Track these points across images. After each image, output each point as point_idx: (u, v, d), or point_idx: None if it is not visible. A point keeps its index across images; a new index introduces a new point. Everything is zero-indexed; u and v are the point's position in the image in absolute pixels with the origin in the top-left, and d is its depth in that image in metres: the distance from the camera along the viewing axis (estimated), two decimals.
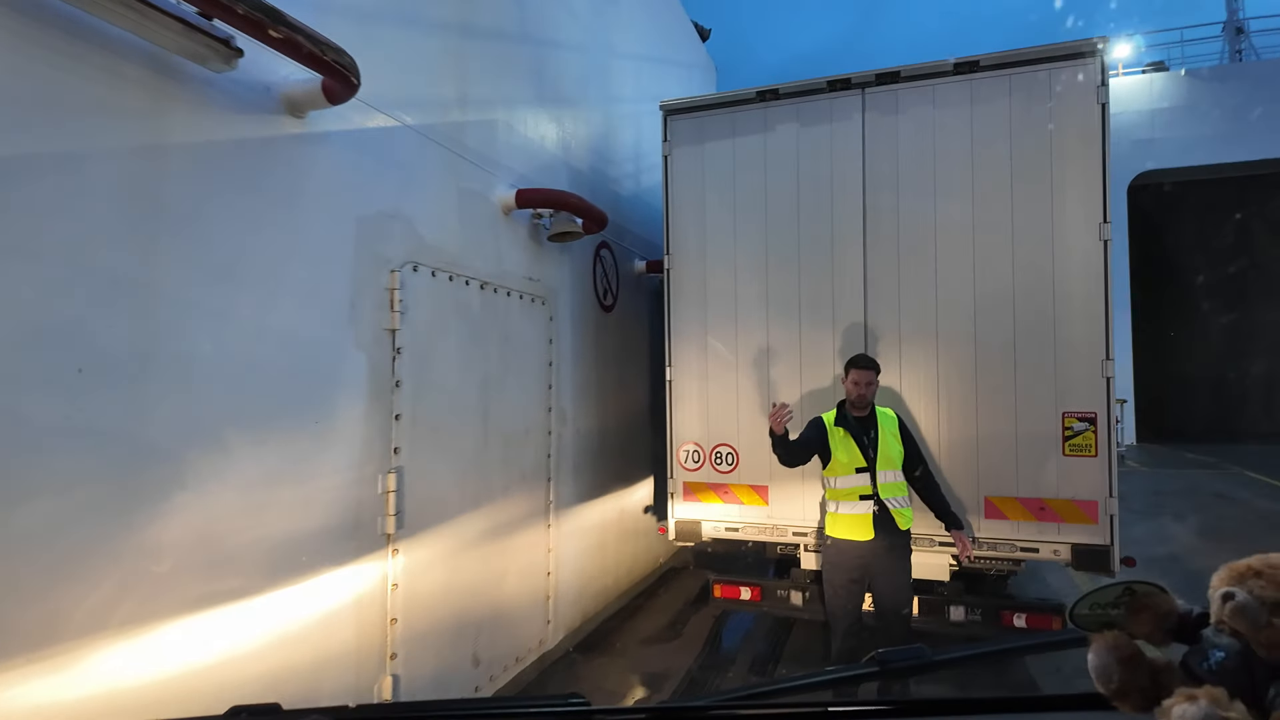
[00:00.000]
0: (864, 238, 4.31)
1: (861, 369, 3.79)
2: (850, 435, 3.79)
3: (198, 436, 2.36)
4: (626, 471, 5.80)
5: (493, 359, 4.05)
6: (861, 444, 3.77)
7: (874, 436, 3.79)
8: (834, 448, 3.81)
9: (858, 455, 3.77)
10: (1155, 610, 1.14)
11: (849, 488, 3.78)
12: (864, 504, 3.74)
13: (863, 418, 3.83)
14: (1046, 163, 3.96)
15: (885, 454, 3.77)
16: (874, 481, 3.75)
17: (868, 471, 3.75)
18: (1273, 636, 0.99)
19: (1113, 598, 1.15)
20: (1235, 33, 15.25)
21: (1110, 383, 3.84)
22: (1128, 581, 1.17)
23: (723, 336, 4.63)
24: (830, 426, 3.85)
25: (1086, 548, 3.89)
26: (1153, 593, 1.15)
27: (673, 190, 4.75)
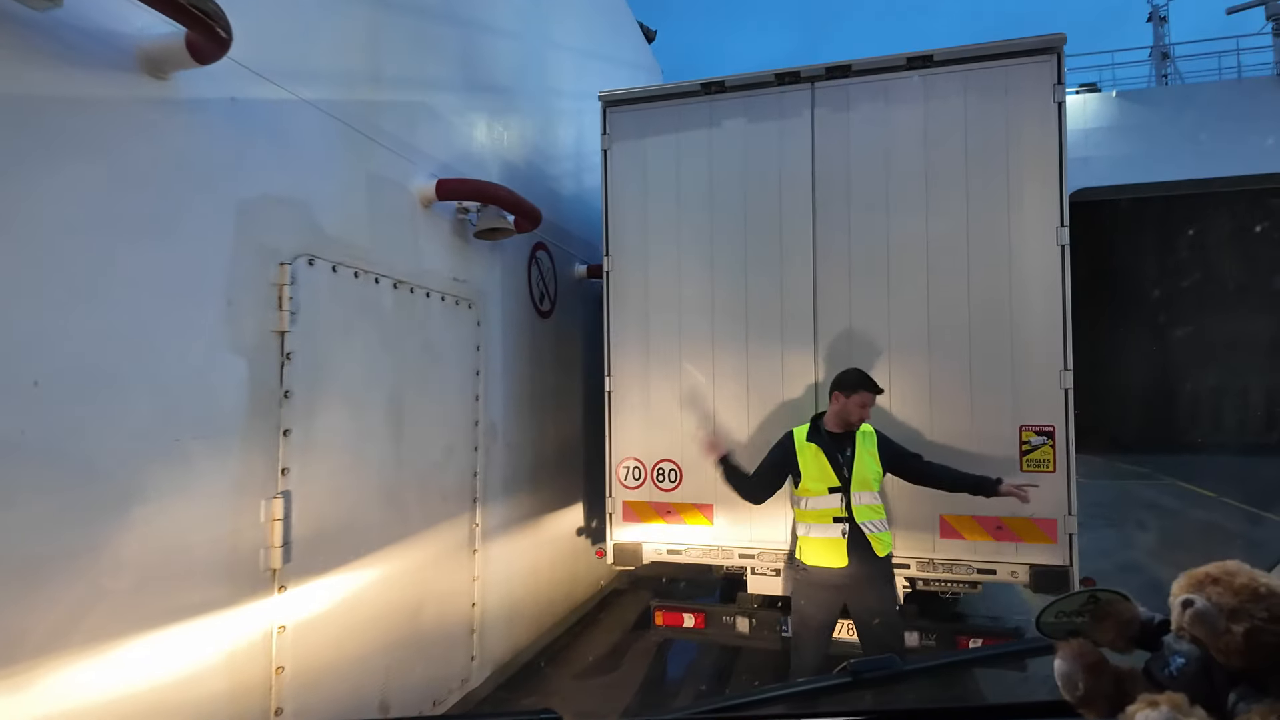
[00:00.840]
0: (814, 242, 4.06)
1: (870, 391, 3.45)
2: (823, 452, 3.49)
3: (15, 460, 1.89)
4: (565, 489, 5.41)
5: (408, 367, 3.63)
6: (835, 462, 3.47)
7: (850, 455, 3.49)
8: (803, 466, 3.51)
9: (830, 474, 3.47)
10: (1118, 618, 1.15)
11: (820, 509, 3.48)
12: (837, 527, 3.44)
13: (839, 435, 3.53)
14: (1002, 163, 3.78)
15: (861, 474, 3.46)
16: (848, 503, 3.44)
17: (841, 492, 3.45)
18: (1231, 643, 0.99)
19: (1077, 605, 1.16)
20: (1161, 57, 15.94)
21: (1069, 394, 3.66)
22: (1092, 590, 1.17)
23: (665, 344, 4.31)
24: (800, 442, 3.55)
25: (1045, 568, 3.69)
26: (1116, 600, 1.16)
27: (612, 187, 4.43)
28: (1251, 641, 0.99)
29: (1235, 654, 1.00)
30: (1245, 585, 1.03)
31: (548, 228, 5.31)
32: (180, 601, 2.39)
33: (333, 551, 3.07)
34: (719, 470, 3.63)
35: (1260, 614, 1.00)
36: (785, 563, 4.07)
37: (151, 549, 2.29)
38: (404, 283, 3.60)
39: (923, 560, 3.86)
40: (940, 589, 3.97)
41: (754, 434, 4.13)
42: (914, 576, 3.91)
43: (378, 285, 3.41)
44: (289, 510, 2.82)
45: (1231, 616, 1.01)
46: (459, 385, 4.10)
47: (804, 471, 3.51)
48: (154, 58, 2.30)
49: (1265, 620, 1.00)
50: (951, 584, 3.91)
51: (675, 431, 4.28)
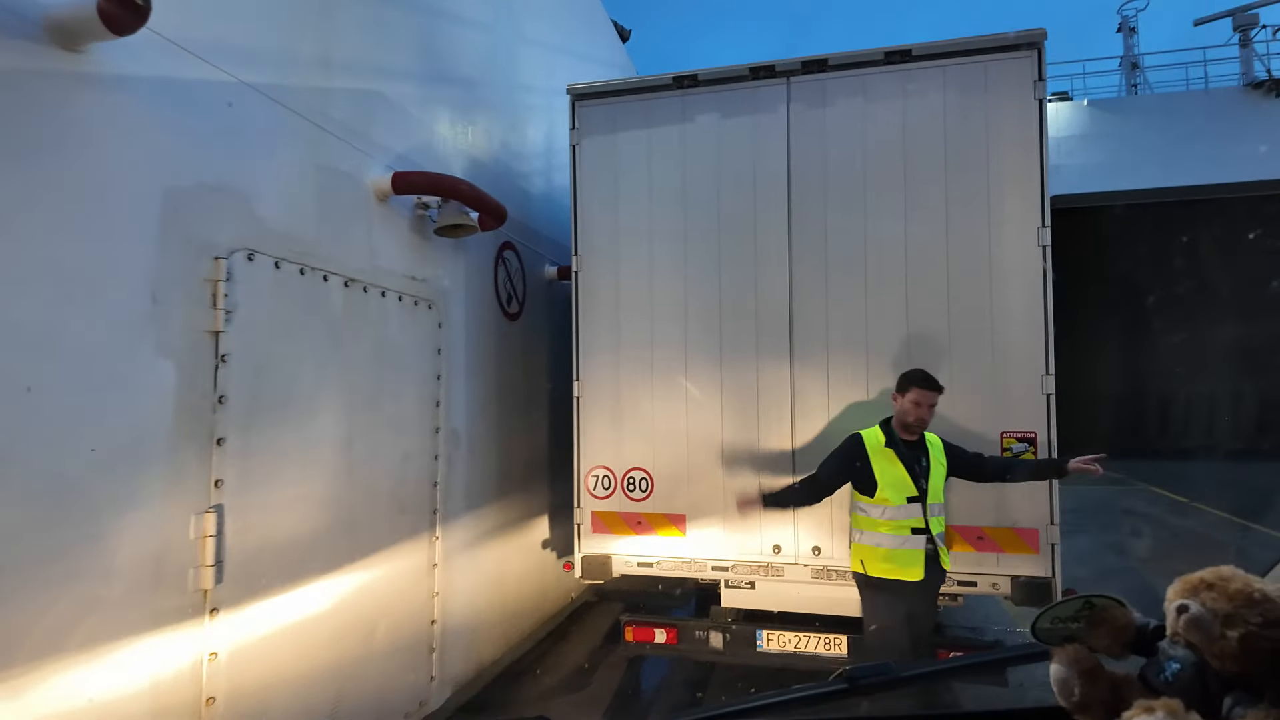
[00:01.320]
0: (789, 242, 3.92)
1: (928, 390, 3.32)
2: (900, 460, 3.35)
3: None
4: (533, 499, 5.20)
5: (361, 370, 3.41)
6: (914, 471, 3.33)
7: (926, 465, 3.37)
8: (879, 472, 3.35)
9: (909, 484, 3.32)
10: (1114, 623, 1.15)
11: (898, 520, 3.32)
12: (917, 539, 3.30)
13: (914, 442, 3.40)
14: (982, 162, 3.67)
15: (936, 486, 3.36)
16: (925, 513, 3.31)
17: (920, 502, 3.31)
18: (1225, 648, 0.99)
19: (1073, 611, 1.16)
20: (1131, 67, 16.19)
21: (1051, 399, 3.55)
22: (1087, 595, 1.17)
23: (636, 348, 4.14)
24: (876, 447, 3.40)
25: (1027, 580, 3.57)
26: (1111, 606, 1.16)
27: (581, 184, 4.25)
28: (1246, 646, 0.99)
29: (1230, 659, 0.99)
30: (1240, 590, 1.03)
31: (516, 227, 5.12)
32: (96, 627, 2.16)
33: (274, 570, 2.84)
34: (765, 511, 3.61)
35: (1255, 619, 0.99)
36: (737, 573, 3.93)
37: (62, 570, 2.06)
38: (356, 281, 3.39)
39: None
40: None
41: (726, 438, 3.97)
42: None
43: (326, 283, 3.20)
44: (222, 525, 2.59)
45: (1226, 622, 1.00)
46: (418, 390, 3.89)
47: (880, 479, 3.34)
48: (65, 27, 2.08)
49: (1260, 625, 0.99)
50: None
51: (647, 439, 4.10)
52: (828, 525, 3.82)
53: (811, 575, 3.86)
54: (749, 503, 3.59)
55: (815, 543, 3.84)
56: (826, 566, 3.83)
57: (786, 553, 3.89)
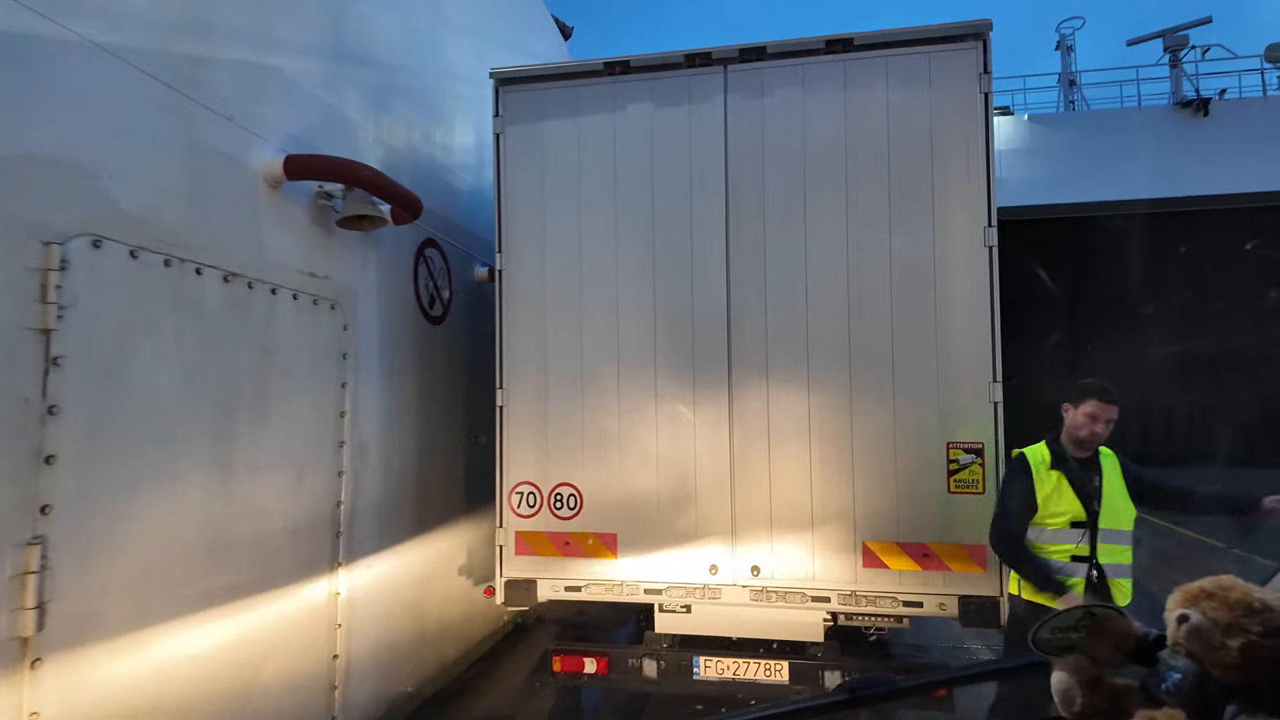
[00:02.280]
0: (726, 241, 3.67)
1: (1106, 402, 3.02)
2: (1069, 481, 3.05)
3: None
4: (457, 517, 4.82)
5: (244, 377, 3.02)
6: (1084, 493, 3.03)
7: (1098, 485, 3.05)
8: (1043, 496, 3.06)
9: (1076, 506, 3.02)
10: (1114, 633, 1.15)
11: (1059, 545, 3.03)
12: (1076, 567, 2.99)
13: (1086, 459, 3.09)
14: (926, 158, 3.49)
15: (1111, 507, 3.02)
16: (1093, 540, 2.99)
17: (1086, 528, 3.00)
18: (1226, 658, 0.99)
19: (1073, 621, 1.16)
20: (1069, 84, 16.66)
21: (999, 408, 3.37)
22: (1087, 605, 1.17)
23: (564, 353, 3.83)
24: (1040, 469, 3.11)
25: (974, 600, 3.37)
26: (1111, 616, 1.16)
27: (506, 177, 3.93)
28: (1247, 656, 0.98)
29: (1231, 669, 0.99)
30: (1240, 600, 1.02)
31: (441, 223, 4.77)
32: None
33: (122, 610, 2.43)
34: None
35: (1255, 628, 0.99)
36: (670, 595, 3.63)
37: None
38: (239, 275, 3.00)
39: (844, 593, 3.48)
40: (863, 624, 3.61)
41: (662, 451, 3.69)
42: (834, 610, 3.53)
43: (200, 277, 2.80)
44: (48, 560, 2.18)
45: (1227, 631, 1.00)
46: (316, 399, 3.50)
47: (1042, 501, 3.06)
48: None
49: (1260, 635, 0.98)
50: (875, 618, 3.55)
51: (576, 453, 3.79)
52: (766, 542, 3.57)
53: (750, 597, 3.60)
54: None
55: (754, 562, 3.58)
56: (766, 587, 3.57)
57: (724, 574, 3.62)
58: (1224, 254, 15.68)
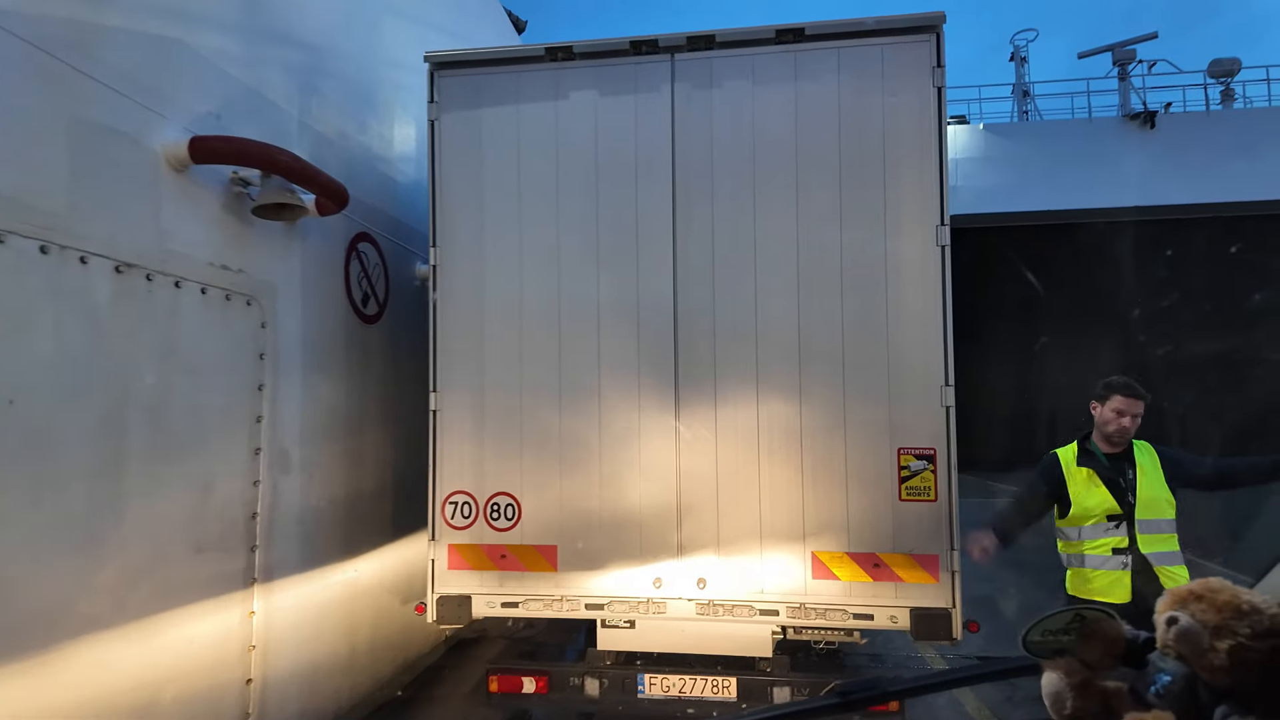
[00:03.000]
0: (674, 238, 3.51)
1: (1131, 397, 3.11)
2: (1099, 476, 3.13)
3: None
4: (394, 528, 4.56)
5: (138, 378, 2.74)
6: (1116, 487, 3.10)
7: (1132, 477, 3.11)
8: (1075, 493, 3.16)
9: (1109, 500, 3.10)
10: (1104, 636, 1.15)
11: (1098, 540, 3.11)
12: (1120, 559, 3.07)
13: (1117, 454, 3.16)
14: (878, 153, 3.38)
15: (1149, 497, 3.07)
16: (1131, 532, 3.06)
17: (1123, 519, 3.08)
18: (1215, 660, 0.99)
19: (1063, 624, 1.15)
20: (1023, 95, 17.00)
21: (951, 412, 3.26)
22: (1077, 608, 1.17)
23: (503, 353, 3.61)
24: (1069, 466, 3.20)
25: (926, 612, 3.25)
26: (1101, 619, 1.16)
27: (442, 166, 3.71)
28: (1235, 658, 0.98)
29: (1220, 671, 0.99)
30: (1228, 602, 1.02)
31: (377, 217, 4.51)
32: None
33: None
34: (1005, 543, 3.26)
35: (1243, 630, 0.99)
36: (613, 610, 3.46)
37: None
38: (135, 266, 2.72)
39: (793, 605, 3.34)
40: (813, 637, 3.46)
41: (605, 457, 3.50)
42: (783, 624, 3.38)
43: (85, 267, 2.53)
44: None
45: (1215, 634, 1.00)
46: (228, 403, 3.23)
47: (1075, 499, 3.15)
48: None
49: (1248, 637, 0.98)
50: (826, 631, 3.41)
51: (514, 460, 3.58)
52: (713, 553, 3.40)
53: (696, 611, 3.43)
54: (983, 547, 3.20)
55: (700, 574, 3.41)
56: (712, 601, 3.41)
57: (669, 587, 3.44)
58: (1167, 263, 16.17)
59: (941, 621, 3.24)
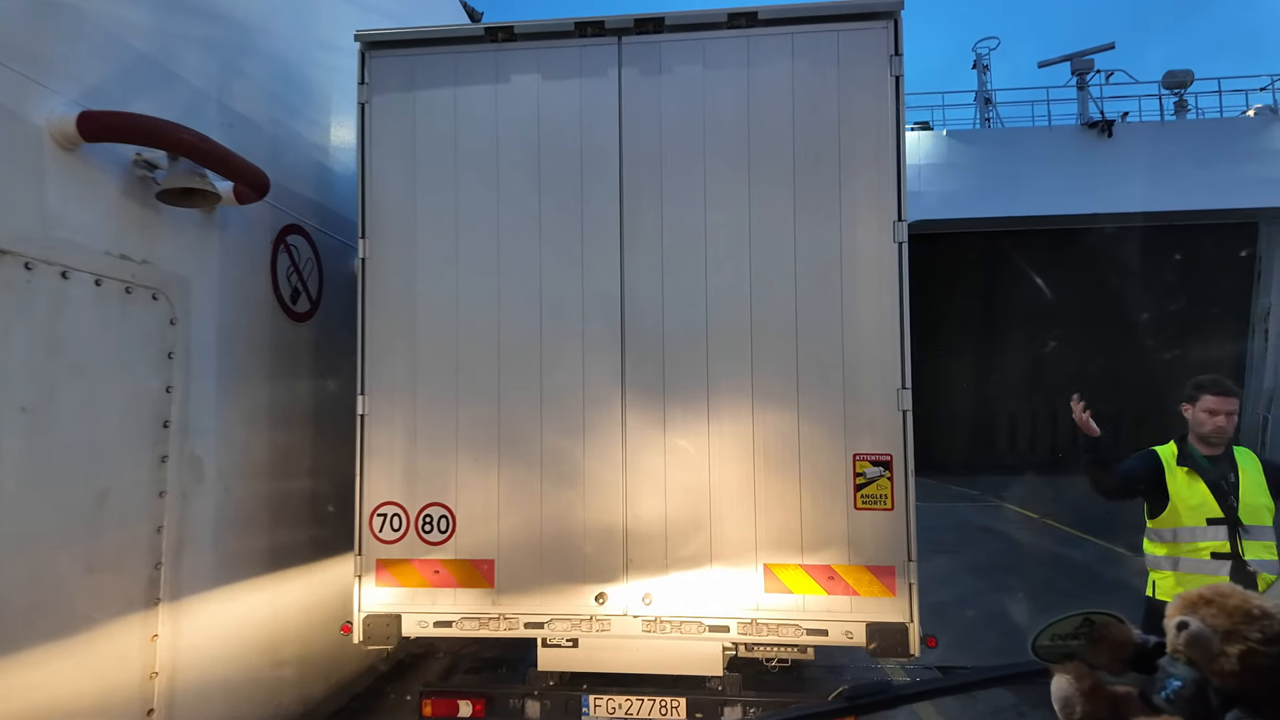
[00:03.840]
0: (621, 234, 3.32)
1: (1221, 394, 2.99)
2: (1200, 477, 3.00)
3: None
4: (324, 540, 4.26)
5: (13, 377, 2.45)
6: (1218, 489, 2.97)
7: (1234, 481, 2.99)
8: (1175, 491, 3.03)
9: (1211, 503, 2.96)
10: (1113, 640, 1.14)
11: (1196, 543, 2.97)
12: (1218, 564, 2.92)
13: (1217, 457, 3.02)
14: (833, 144, 3.22)
15: (1251, 503, 2.94)
16: (1234, 537, 2.92)
17: (1224, 524, 2.94)
18: (1226, 665, 0.99)
19: (1072, 628, 1.15)
20: (985, 102, 17.21)
21: (908, 417, 3.11)
22: (1086, 612, 1.16)
23: (438, 352, 3.38)
24: (1169, 464, 3.07)
25: (882, 627, 3.09)
26: (1110, 623, 1.15)
27: (372, 153, 3.47)
28: (1246, 663, 0.98)
29: (1230, 676, 0.99)
30: (1238, 607, 1.02)
31: (309, 207, 4.24)
32: None
33: None
34: (1085, 452, 3.14)
35: (1254, 635, 0.98)
36: (553, 628, 3.24)
37: None
38: (10, 254, 2.43)
39: (744, 621, 3.15)
40: (765, 654, 3.28)
41: (547, 464, 3.28)
42: (734, 640, 3.20)
43: None
44: None
45: (1226, 639, 1.00)
46: (129, 406, 2.93)
47: (1175, 498, 3.02)
48: None
49: (1259, 641, 0.98)
50: (779, 648, 3.23)
51: (448, 468, 3.34)
52: (661, 567, 3.21)
53: (643, 628, 3.22)
54: (1090, 426, 3.13)
55: (646, 589, 3.21)
56: (659, 617, 3.21)
57: (614, 603, 3.23)
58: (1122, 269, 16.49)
59: (898, 636, 3.08)
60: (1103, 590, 6.60)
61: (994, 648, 5.22)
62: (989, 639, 5.47)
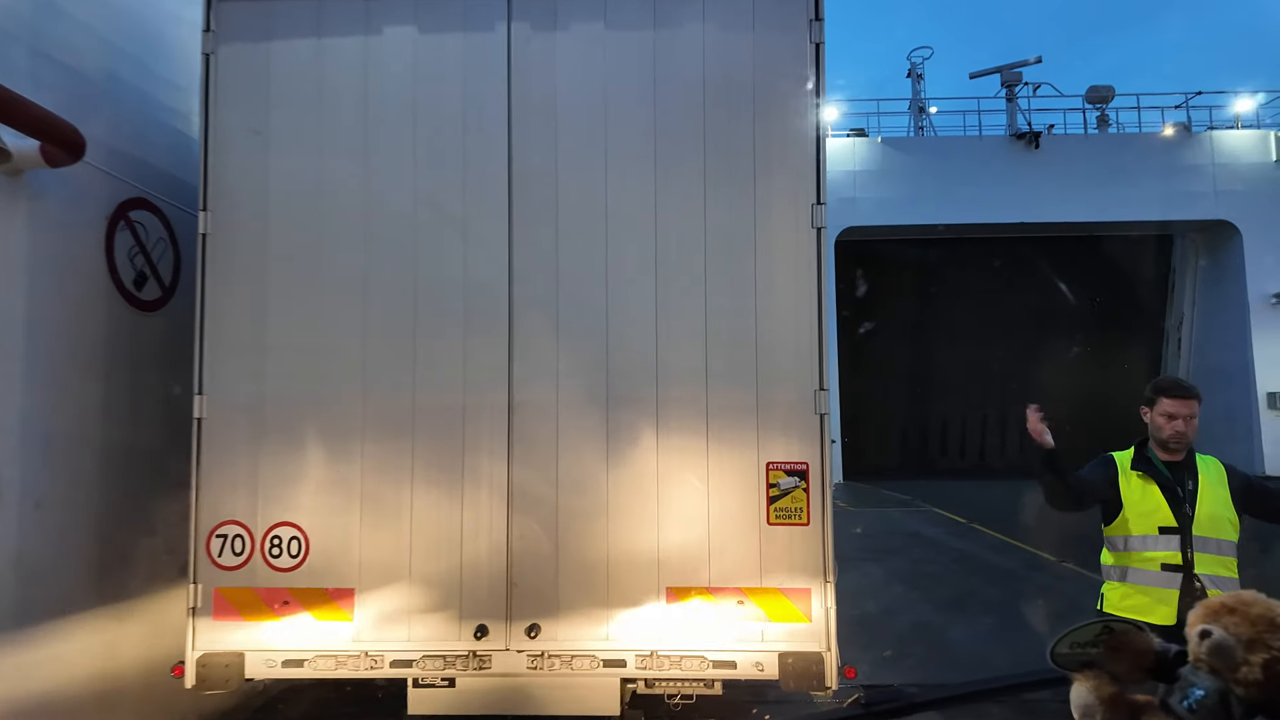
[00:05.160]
0: (509, 213, 2.92)
1: (1180, 398, 2.79)
2: (1155, 484, 2.79)
3: None
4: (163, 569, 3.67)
5: None
6: (1173, 497, 2.75)
7: (1193, 489, 2.77)
8: (1127, 497, 2.81)
9: (1164, 510, 2.75)
10: (1134, 648, 1.14)
11: (1146, 553, 2.75)
12: (1169, 577, 2.69)
13: (1176, 463, 2.81)
14: (748, 117, 2.90)
15: (1210, 513, 2.73)
16: (1187, 548, 2.69)
17: (1177, 534, 2.72)
18: (1249, 674, 0.98)
19: (1091, 636, 1.15)
20: (919, 111, 17.46)
21: (825, 421, 2.80)
22: (1105, 619, 1.17)
23: (293, 345, 2.91)
24: (1124, 468, 2.87)
25: (797, 657, 2.75)
26: (1130, 631, 1.15)
27: (219, 112, 2.98)
28: (1270, 672, 0.97)
29: (1254, 686, 0.98)
30: (1262, 615, 1.00)
31: (161, 179, 3.69)
32: None
33: None
34: (1040, 464, 2.85)
35: (1277, 643, 0.97)
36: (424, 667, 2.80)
37: None
38: None
39: (643, 654, 2.77)
40: (667, 690, 2.91)
41: (419, 475, 2.85)
42: (632, 676, 2.81)
43: None
44: None
45: (1249, 647, 0.99)
46: None
47: (1126, 504, 2.80)
48: None
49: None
50: (682, 683, 2.86)
51: (300, 481, 2.86)
52: (550, 596, 2.80)
53: (528, 664, 2.81)
54: (1042, 434, 2.83)
55: (533, 620, 2.80)
56: (547, 651, 2.80)
57: (495, 636, 2.81)
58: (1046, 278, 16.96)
59: (814, 667, 2.75)
60: (1029, 597, 6.50)
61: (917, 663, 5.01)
62: (914, 652, 5.27)
